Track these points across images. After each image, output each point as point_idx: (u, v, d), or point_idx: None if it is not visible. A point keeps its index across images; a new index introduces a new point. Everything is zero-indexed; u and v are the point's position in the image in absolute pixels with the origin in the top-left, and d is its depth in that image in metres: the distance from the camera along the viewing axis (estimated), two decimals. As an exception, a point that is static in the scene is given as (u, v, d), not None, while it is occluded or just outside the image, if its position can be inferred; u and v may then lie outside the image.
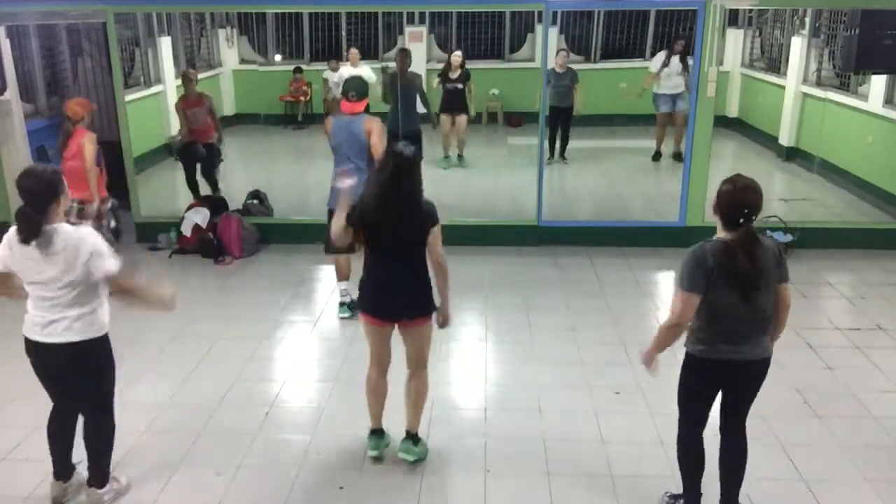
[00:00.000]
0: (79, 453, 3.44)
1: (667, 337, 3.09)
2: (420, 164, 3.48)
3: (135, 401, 4.28)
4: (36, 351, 3.23)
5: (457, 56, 9.33)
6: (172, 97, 10.41)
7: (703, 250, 2.94)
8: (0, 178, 7.13)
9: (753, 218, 2.90)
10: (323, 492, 3.54)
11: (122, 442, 3.82)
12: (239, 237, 6.71)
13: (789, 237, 6.60)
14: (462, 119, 9.36)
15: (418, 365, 3.65)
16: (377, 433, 3.79)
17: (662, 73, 9.53)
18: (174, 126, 10.38)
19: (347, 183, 3.59)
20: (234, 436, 3.97)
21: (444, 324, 3.65)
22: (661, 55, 9.64)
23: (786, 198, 8.45)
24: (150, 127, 9.86)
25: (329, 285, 6.08)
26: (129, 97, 7.73)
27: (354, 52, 10.71)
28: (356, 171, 5.17)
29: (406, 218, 3.38)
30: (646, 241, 6.82)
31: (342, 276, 5.48)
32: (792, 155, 9.75)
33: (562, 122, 9.56)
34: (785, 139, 9.88)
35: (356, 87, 5.25)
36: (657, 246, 6.79)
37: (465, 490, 3.55)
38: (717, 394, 3.16)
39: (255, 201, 7.49)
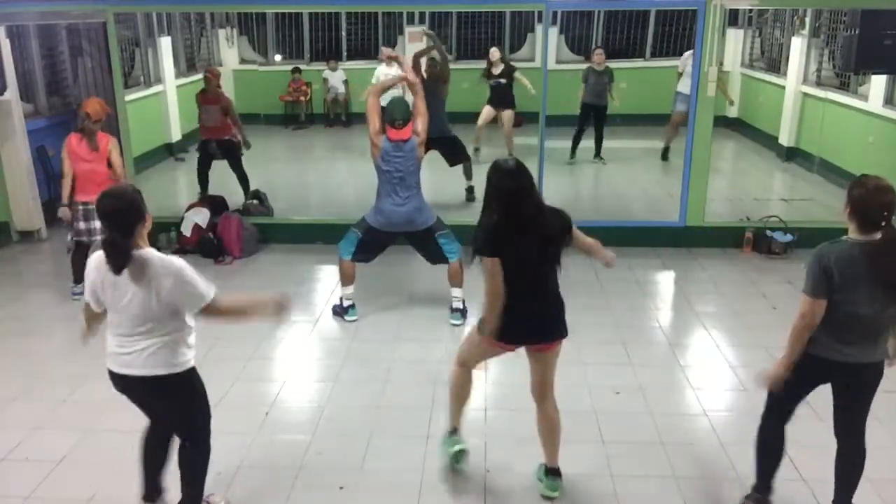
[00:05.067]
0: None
1: (795, 341, 2.98)
2: (527, 170, 3.21)
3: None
4: (120, 383, 3.02)
5: (494, 52, 9.25)
6: (172, 97, 10.44)
7: (827, 253, 2.86)
8: (0, 178, 7.14)
9: (891, 216, 2.81)
10: (323, 492, 3.54)
11: (122, 441, 3.82)
12: (239, 237, 6.71)
13: (789, 237, 6.60)
14: (508, 114, 9.16)
15: (548, 391, 3.42)
16: (455, 432, 3.64)
17: (684, 71, 9.47)
18: (174, 126, 10.44)
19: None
20: (234, 436, 3.96)
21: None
22: (689, 54, 9.50)
23: (786, 198, 8.46)
24: (150, 127, 9.87)
25: (329, 285, 6.08)
26: (129, 97, 7.73)
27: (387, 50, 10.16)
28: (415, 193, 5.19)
29: (541, 231, 3.16)
30: (646, 241, 6.82)
31: (348, 280, 5.41)
32: (792, 155, 9.75)
33: (596, 120, 9.57)
34: (785, 139, 9.88)
35: (403, 114, 5.03)
36: (657, 246, 6.80)
37: (465, 490, 3.54)
38: (809, 392, 3.11)
39: (255, 201, 7.49)
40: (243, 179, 7.91)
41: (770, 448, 3.24)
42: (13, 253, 7.04)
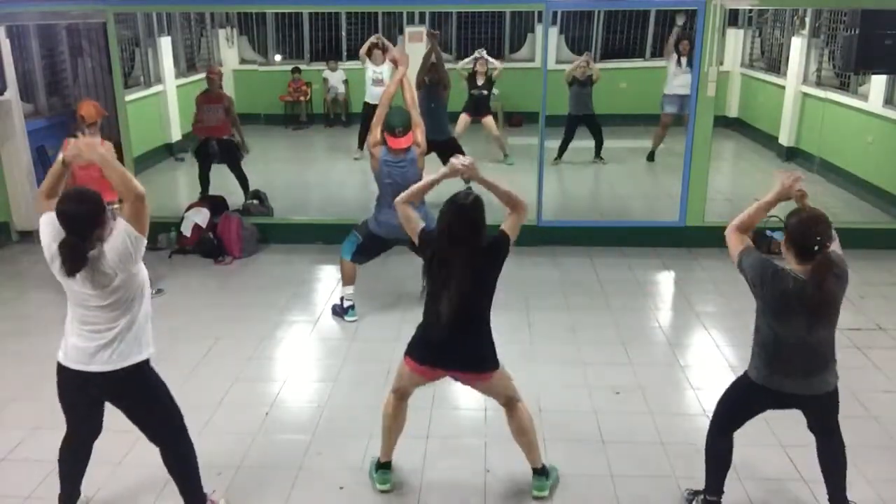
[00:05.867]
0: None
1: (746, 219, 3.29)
2: (482, 209, 3.21)
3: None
4: (82, 381, 2.96)
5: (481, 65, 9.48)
6: (172, 97, 10.44)
7: (776, 271, 2.98)
8: (0, 178, 7.14)
9: (827, 246, 2.89)
10: (323, 492, 3.54)
11: (122, 442, 3.82)
12: (239, 237, 6.71)
13: (789, 237, 6.59)
14: (488, 120, 9.46)
15: (510, 403, 3.38)
16: (387, 466, 3.51)
17: (670, 73, 9.49)
18: (174, 126, 10.44)
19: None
20: (234, 436, 3.97)
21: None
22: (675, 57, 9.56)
23: (786, 198, 8.44)
24: (150, 127, 9.87)
25: (329, 285, 6.08)
26: (129, 97, 7.73)
27: (378, 52, 9.58)
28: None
29: (469, 263, 3.17)
30: (646, 241, 6.82)
31: (349, 280, 5.42)
32: (792, 155, 9.74)
33: (589, 127, 9.67)
34: (785, 139, 9.88)
35: (402, 122, 4.90)
36: (657, 246, 6.80)
37: (465, 490, 3.55)
38: (755, 415, 3.21)
39: (255, 201, 7.49)
40: (242, 180, 7.90)
41: (717, 458, 3.28)
42: (13, 253, 7.04)
